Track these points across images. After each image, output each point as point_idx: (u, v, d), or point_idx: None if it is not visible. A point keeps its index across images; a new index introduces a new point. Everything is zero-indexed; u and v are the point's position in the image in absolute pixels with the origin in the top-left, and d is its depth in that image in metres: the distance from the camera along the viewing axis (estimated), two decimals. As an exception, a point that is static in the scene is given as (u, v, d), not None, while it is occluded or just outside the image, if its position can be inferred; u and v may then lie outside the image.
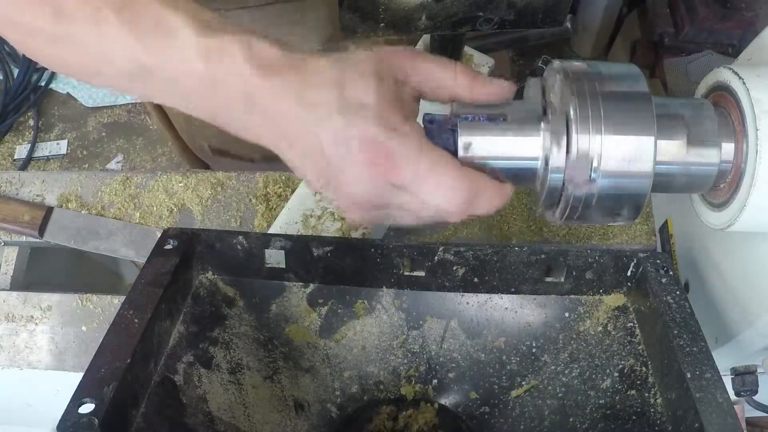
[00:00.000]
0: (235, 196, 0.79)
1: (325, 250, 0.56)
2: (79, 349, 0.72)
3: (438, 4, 0.49)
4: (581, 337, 0.56)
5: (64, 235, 0.79)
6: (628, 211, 0.44)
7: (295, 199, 0.71)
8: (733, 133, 0.45)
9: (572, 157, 0.42)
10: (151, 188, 0.80)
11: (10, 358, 0.72)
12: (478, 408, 0.58)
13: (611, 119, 0.41)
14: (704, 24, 1.22)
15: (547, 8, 0.51)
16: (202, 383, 0.52)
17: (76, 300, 0.74)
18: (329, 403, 0.58)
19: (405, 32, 0.51)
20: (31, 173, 0.84)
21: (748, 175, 0.44)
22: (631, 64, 0.45)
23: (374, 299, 0.59)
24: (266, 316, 0.58)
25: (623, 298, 0.56)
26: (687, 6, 1.25)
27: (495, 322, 0.58)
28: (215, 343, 0.55)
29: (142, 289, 0.50)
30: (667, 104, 0.46)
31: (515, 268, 0.56)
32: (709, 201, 0.50)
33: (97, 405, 0.41)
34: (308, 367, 0.58)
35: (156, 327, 0.49)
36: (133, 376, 0.45)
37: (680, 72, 1.27)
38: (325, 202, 0.70)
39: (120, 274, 1.08)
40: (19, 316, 0.74)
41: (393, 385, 0.59)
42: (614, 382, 0.53)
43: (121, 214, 0.79)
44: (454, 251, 0.56)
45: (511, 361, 0.58)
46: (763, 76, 0.45)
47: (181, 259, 0.53)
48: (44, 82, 1.50)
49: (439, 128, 0.44)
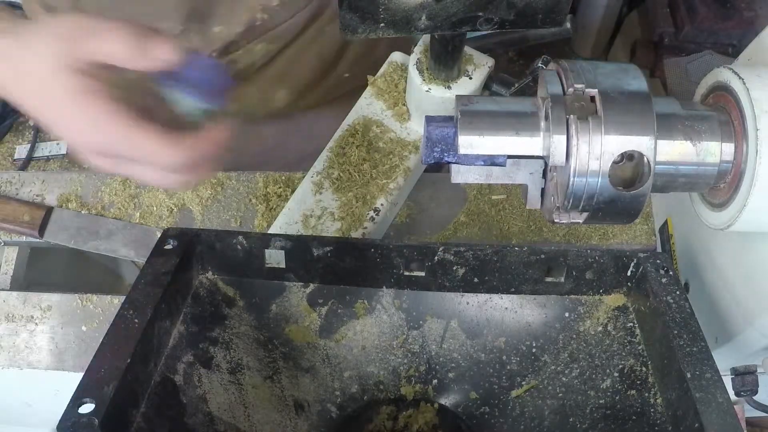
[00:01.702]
0: (235, 196, 0.79)
1: (325, 250, 0.56)
2: (79, 349, 0.72)
3: (438, 4, 0.49)
4: (581, 337, 0.56)
5: (64, 235, 0.79)
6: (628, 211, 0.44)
7: (295, 199, 0.71)
8: (733, 133, 0.45)
9: (572, 156, 0.42)
10: (151, 188, 0.80)
11: (10, 358, 0.72)
12: (478, 408, 0.58)
13: (611, 119, 0.41)
14: (704, 24, 1.22)
15: (547, 8, 0.51)
16: (202, 383, 0.52)
17: (76, 300, 0.74)
18: (329, 403, 0.58)
19: (405, 32, 0.51)
20: (31, 173, 0.84)
21: (748, 175, 0.44)
22: (630, 64, 0.45)
23: (374, 299, 0.59)
24: (266, 316, 0.58)
25: (623, 298, 0.56)
26: (687, 6, 1.25)
27: (495, 322, 0.58)
28: (215, 343, 0.55)
29: (142, 289, 0.50)
30: (667, 104, 0.46)
31: (515, 268, 0.56)
32: (709, 201, 0.50)
33: (97, 405, 0.41)
34: (308, 367, 0.58)
35: (156, 327, 0.49)
36: (133, 376, 0.45)
37: (680, 72, 1.27)
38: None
39: (120, 274, 1.08)
40: (19, 316, 0.74)
41: (393, 385, 0.59)
42: (614, 382, 0.53)
43: (121, 214, 0.79)
44: (454, 251, 0.56)
45: (511, 361, 0.58)
46: (763, 76, 0.45)
47: (181, 259, 0.53)
48: (44, 82, 1.50)
49: (439, 127, 0.44)
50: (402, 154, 0.72)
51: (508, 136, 0.43)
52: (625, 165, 0.43)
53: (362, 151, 0.71)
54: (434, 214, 0.77)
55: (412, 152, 0.72)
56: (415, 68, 0.67)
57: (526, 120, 0.44)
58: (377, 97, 0.75)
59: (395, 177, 0.71)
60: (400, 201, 0.74)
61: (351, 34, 0.50)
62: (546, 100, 0.44)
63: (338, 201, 0.70)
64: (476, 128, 0.43)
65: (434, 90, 0.66)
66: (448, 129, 0.44)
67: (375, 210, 0.69)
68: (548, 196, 0.46)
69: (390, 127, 0.73)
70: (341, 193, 0.70)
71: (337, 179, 0.70)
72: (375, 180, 0.70)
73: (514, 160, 0.45)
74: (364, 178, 0.70)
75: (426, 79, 0.66)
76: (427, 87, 0.66)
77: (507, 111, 0.44)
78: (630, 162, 0.43)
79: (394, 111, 0.74)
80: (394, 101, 0.74)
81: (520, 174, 0.46)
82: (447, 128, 0.44)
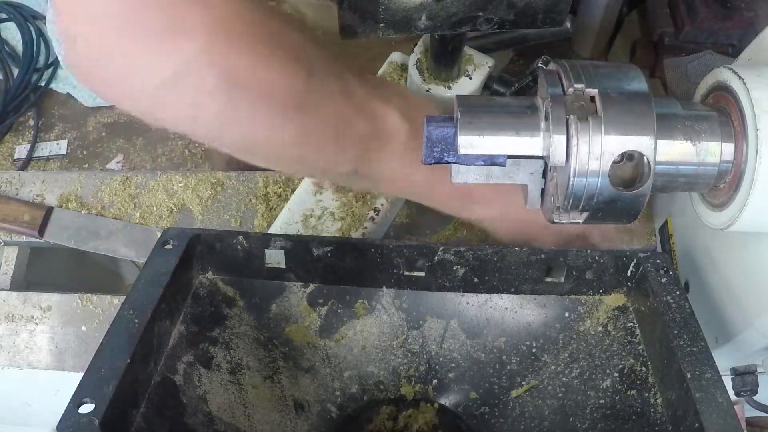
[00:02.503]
0: (235, 196, 0.79)
1: (325, 250, 0.56)
2: (79, 349, 0.72)
3: (438, 4, 0.49)
4: (581, 337, 0.56)
5: (64, 235, 0.79)
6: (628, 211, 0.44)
7: (295, 199, 0.71)
8: (733, 133, 0.45)
9: (572, 156, 0.42)
10: (151, 188, 0.80)
11: (10, 358, 0.72)
12: (478, 408, 0.58)
13: (611, 119, 0.41)
14: (704, 24, 1.22)
15: (547, 8, 0.51)
16: (202, 383, 0.52)
17: (76, 300, 0.74)
18: (329, 403, 0.58)
19: (405, 32, 0.51)
20: (31, 173, 0.84)
21: (748, 175, 0.44)
22: (630, 64, 0.45)
23: (374, 299, 0.59)
24: (266, 316, 0.58)
25: (623, 298, 0.56)
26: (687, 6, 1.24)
27: (495, 322, 0.58)
28: (215, 343, 0.55)
29: (142, 289, 0.50)
30: (667, 104, 0.46)
31: (515, 268, 0.56)
32: (709, 201, 0.50)
33: (97, 405, 0.41)
34: (308, 367, 0.58)
35: (156, 327, 0.49)
36: (133, 376, 0.45)
37: (680, 72, 1.26)
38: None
39: (120, 274, 1.08)
40: (19, 316, 0.74)
41: (393, 385, 0.59)
42: (614, 382, 0.53)
43: (121, 214, 0.79)
44: (454, 251, 0.56)
45: (511, 361, 0.58)
46: (763, 76, 0.44)
47: (181, 259, 0.53)
48: (44, 82, 1.50)
49: (439, 127, 0.44)
50: (402, 154, 0.72)
51: (508, 136, 0.43)
52: (625, 165, 0.43)
53: (362, 151, 0.71)
54: (434, 214, 0.77)
55: (412, 152, 0.72)
56: (415, 68, 0.67)
57: (526, 120, 0.44)
58: (377, 97, 0.75)
59: (395, 177, 0.71)
60: (400, 201, 0.74)
61: (351, 35, 0.50)
62: (546, 100, 0.44)
63: (338, 201, 0.70)
64: (476, 128, 0.43)
65: (434, 90, 0.66)
66: (448, 129, 0.44)
67: (375, 210, 0.69)
68: (548, 196, 0.46)
69: (390, 127, 0.73)
70: (341, 193, 0.70)
71: (337, 179, 0.71)
72: (375, 180, 0.70)
73: (514, 160, 0.44)
74: (364, 178, 0.70)
75: (426, 79, 0.66)
76: (427, 87, 0.66)
77: (507, 111, 0.44)
78: (630, 162, 0.43)
79: (394, 111, 0.74)
80: (394, 101, 0.74)
81: (520, 174, 0.46)
82: (447, 128, 0.44)
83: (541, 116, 0.44)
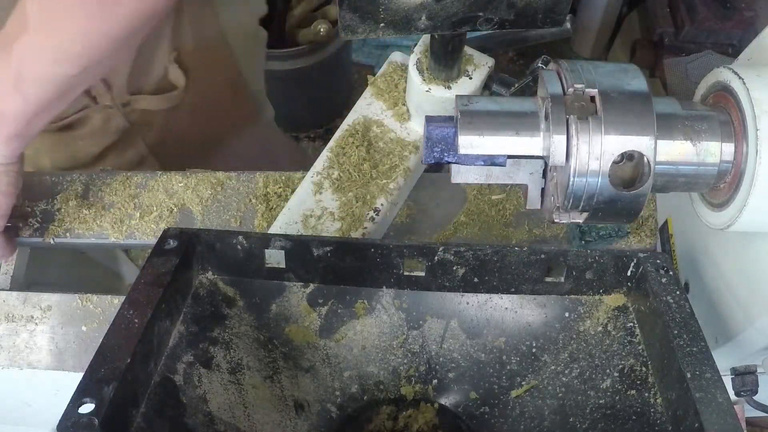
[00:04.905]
0: (235, 196, 0.79)
1: (325, 250, 0.56)
2: (79, 349, 0.72)
3: (438, 4, 0.49)
4: (581, 337, 0.56)
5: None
6: (628, 211, 0.44)
7: (295, 199, 0.71)
8: (733, 133, 0.45)
9: (572, 156, 0.42)
10: (151, 188, 0.80)
11: (10, 358, 0.72)
12: (478, 408, 0.58)
13: (611, 119, 0.41)
14: (704, 24, 1.22)
15: (547, 8, 0.51)
16: (202, 383, 0.52)
17: (76, 300, 0.74)
18: (329, 403, 0.58)
19: (405, 32, 0.51)
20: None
21: (748, 175, 0.44)
22: (630, 64, 0.45)
23: (374, 299, 0.59)
24: (266, 316, 0.58)
25: (623, 298, 0.56)
26: (687, 6, 1.25)
27: (495, 322, 0.58)
28: (215, 343, 0.55)
29: (142, 289, 0.50)
30: (667, 104, 0.46)
31: (515, 268, 0.56)
32: (709, 201, 0.50)
33: (97, 405, 0.41)
34: (308, 367, 0.58)
35: (156, 327, 0.49)
36: (133, 376, 0.45)
37: (680, 72, 1.27)
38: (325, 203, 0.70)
39: (120, 274, 1.08)
40: (19, 316, 0.74)
41: (393, 385, 0.59)
42: (614, 382, 0.53)
43: (121, 214, 0.79)
44: (454, 251, 0.56)
45: (511, 361, 0.58)
46: (763, 76, 0.45)
47: (181, 259, 0.53)
48: (44, 82, 1.50)
49: (439, 127, 0.44)
50: (402, 154, 0.72)
51: (508, 136, 0.43)
52: (625, 165, 0.43)
53: (362, 151, 0.71)
54: (434, 214, 0.77)
55: (412, 152, 0.72)
56: (415, 68, 0.67)
57: (526, 120, 0.44)
58: (377, 97, 0.75)
59: (395, 177, 0.71)
60: (400, 201, 0.74)
61: (351, 35, 0.50)
62: (546, 100, 0.44)
63: (338, 201, 0.70)
64: (476, 128, 0.43)
65: (434, 90, 0.66)
66: (448, 129, 0.45)
67: (375, 210, 0.69)
68: (548, 196, 0.46)
69: (390, 127, 0.73)
70: (341, 193, 0.70)
71: (337, 179, 0.71)
72: (375, 180, 0.70)
73: (514, 160, 0.45)
74: (364, 178, 0.70)
75: (426, 79, 0.66)
76: (427, 87, 0.66)
77: (507, 111, 0.45)
78: (630, 162, 0.43)
79: (394, 111, 0.74)
80: (394, 101, 0.74)
81: (520, 174, 0.46)
82: (447, 128, 0.44)
83: (541, 116, 0.44)
